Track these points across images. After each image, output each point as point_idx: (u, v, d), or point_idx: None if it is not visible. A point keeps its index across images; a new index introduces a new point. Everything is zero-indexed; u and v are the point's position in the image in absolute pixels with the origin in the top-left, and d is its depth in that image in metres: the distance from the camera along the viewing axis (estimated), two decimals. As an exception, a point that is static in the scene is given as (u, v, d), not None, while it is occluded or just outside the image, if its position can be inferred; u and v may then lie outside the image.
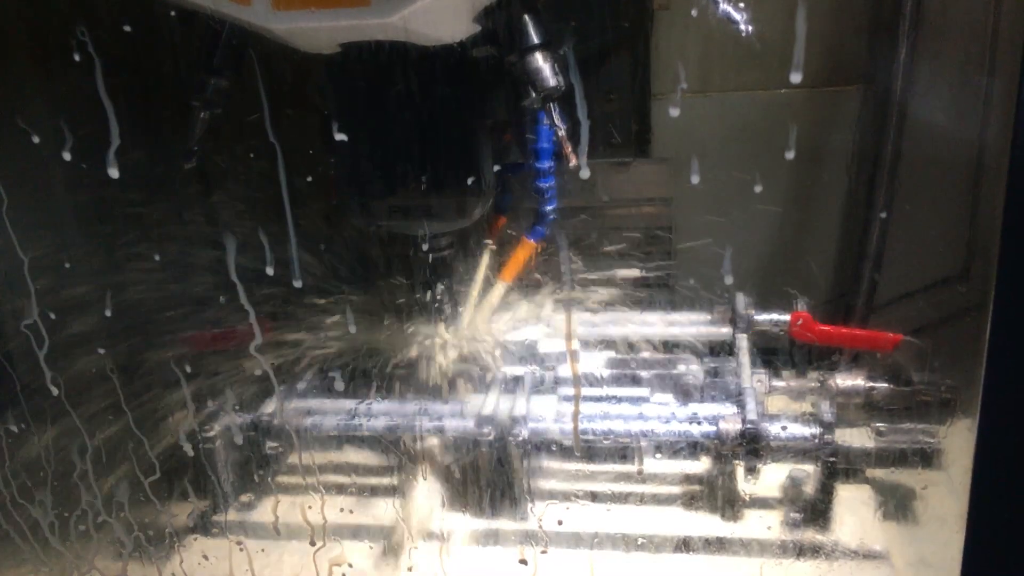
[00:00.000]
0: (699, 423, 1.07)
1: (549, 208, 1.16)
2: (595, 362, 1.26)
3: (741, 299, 1.27)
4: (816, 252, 1.37)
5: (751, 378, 1.14)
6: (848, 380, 1.16)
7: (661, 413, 1.10)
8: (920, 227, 1.23)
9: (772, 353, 1.26)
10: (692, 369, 1.22)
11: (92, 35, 0.86)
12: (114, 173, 0.89)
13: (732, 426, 1.04)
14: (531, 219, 1.20)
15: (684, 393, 1.20)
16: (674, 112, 0.99)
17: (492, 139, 1.17)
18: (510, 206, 1.28)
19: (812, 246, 1.38)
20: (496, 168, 1.17)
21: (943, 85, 1.16)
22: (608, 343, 1.29)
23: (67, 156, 0.93)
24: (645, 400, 1.15)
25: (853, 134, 1.30)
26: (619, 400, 1.15)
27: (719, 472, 1.13)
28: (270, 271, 0.93)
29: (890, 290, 1.29)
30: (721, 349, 1.27)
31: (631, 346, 1.28)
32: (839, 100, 1.30)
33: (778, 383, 1.21)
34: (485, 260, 1.25)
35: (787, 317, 1.22)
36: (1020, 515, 0.77)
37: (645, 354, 1.26)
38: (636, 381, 1.22)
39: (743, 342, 1.23)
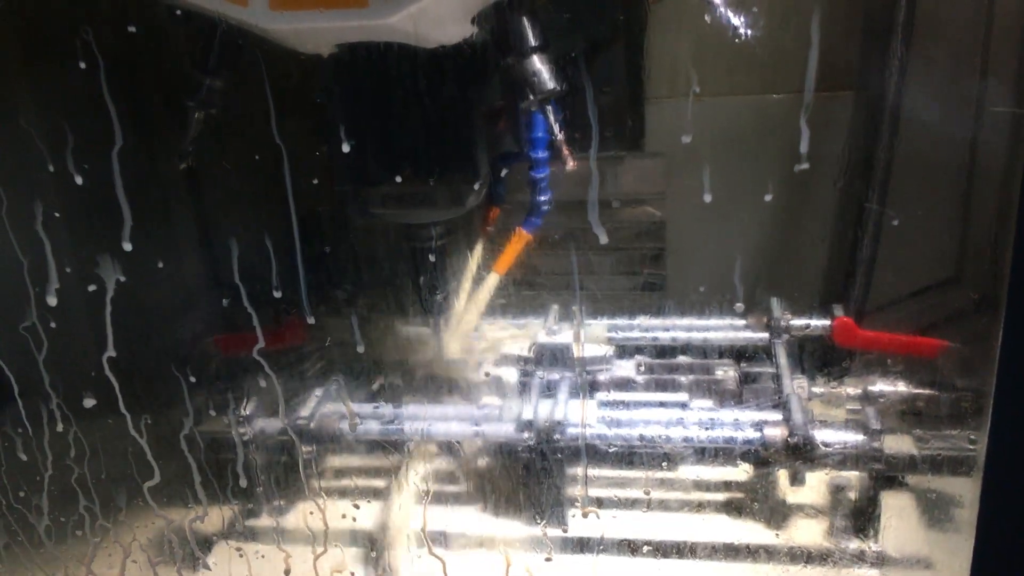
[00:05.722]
0: (743, 429, 1.06)
1: (543, 199, 1.14)
2: (629, 367, 1.25)
3: (777, 304, 1.26)
4: (809, 255, 1.36)
5: (793, 384, 1.13)
6: (888, 387, 1.15)
7: (703, 419, 1.08)
8: (914, 230, 1.21)
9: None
10: (730, 375, 1.21)
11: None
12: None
13: (779, 432, 1.03)
14: (525, 210, 1.17)
15: (722, 398, 1.19)
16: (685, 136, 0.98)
17: (487, 127, 1.14)
18: (504, 196, 1.25)
19: (805, 249, 1.36)
20: (491, 158, 1.15)
21: (937, 89, 1.15)
22: (641, 348, 1.28)
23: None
24: (685, 406, 1.14)
25: (847, 138, 1.28)
26: (658, 405, 1.13)
27: (760, 479, 1.12)
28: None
29: (884, 294, 1.27)
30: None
31: (666, 351, 1.27)
32: (832, 105, 1.28)
33: (817, 389, 1.20)
34: (478, 251, 1.24)
35: (828, 322, 1.21)
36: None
37: (681, 358, 1.25)
38: (674, 386, 1.21)
39: (781, 348, 1.22)
